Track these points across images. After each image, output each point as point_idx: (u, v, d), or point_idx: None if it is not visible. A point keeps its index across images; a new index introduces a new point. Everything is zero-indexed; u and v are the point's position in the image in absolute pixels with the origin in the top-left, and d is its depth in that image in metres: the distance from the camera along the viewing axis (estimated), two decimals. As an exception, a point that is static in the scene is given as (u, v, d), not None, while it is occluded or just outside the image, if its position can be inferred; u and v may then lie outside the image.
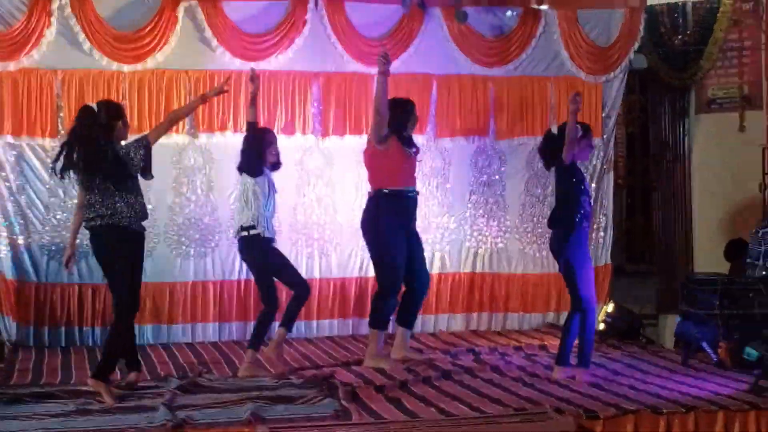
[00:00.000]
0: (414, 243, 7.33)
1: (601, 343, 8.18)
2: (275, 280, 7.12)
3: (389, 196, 7.19)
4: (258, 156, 7.00)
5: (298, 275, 7.26)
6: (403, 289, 7.37)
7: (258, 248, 7.01)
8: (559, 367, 6.87)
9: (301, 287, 7.13)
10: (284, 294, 7.29)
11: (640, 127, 11.06)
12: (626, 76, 9.14)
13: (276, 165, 7.16)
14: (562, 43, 8.94)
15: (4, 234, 8.00)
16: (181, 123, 8.18)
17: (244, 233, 6.99)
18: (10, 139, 7.99)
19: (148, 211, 7.88)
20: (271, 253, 7.08)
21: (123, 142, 6.35)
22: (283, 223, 8.45)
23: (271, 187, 7.05)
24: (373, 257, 7.38)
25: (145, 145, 6.32)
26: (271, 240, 7.07)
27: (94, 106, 6.32)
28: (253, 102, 7.12)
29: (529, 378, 6.87)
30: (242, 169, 7.05)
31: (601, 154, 9.09)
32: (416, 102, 8.49)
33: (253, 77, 7.09)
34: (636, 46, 9.00)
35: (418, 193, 7.36)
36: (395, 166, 7.18)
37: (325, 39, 8.51)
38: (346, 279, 8.66)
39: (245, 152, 7.07)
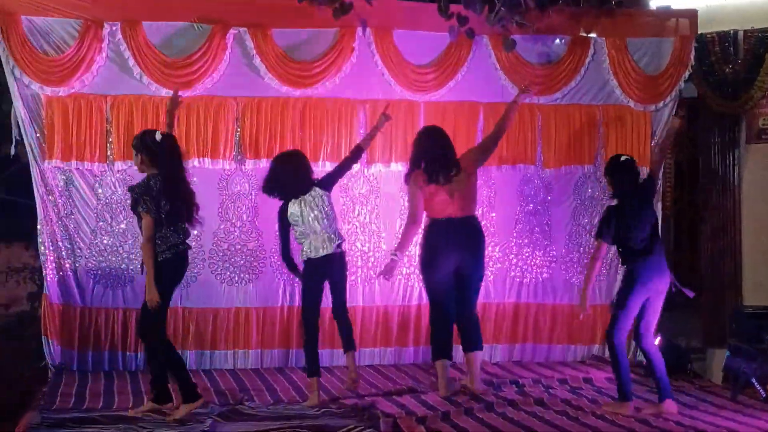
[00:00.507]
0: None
1: (648, 377, 8.06)
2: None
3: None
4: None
5: None
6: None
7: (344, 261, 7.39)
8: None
9: None
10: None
11: (689, 156, 10.93)
12: (676, 104, 9.04)
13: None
14: (611, 71, 8.86)
15: (51, 258, 8.06)
16: (227, 150, 8.24)
17: (340, 250, 7.27)
18: (59, 163, 8.05)
19: (194, 237, 8.07)
20: None
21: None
22: (327, 250, 8.46)
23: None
24: None
25: None
26: None
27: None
28: (373, 134, 7.71)
29: (573, 411, 6.79)
30: (323, 184, 7.28)
31: (650, 184, 8.97)
32: (464, 130, 8.57)
33: (387, 115, 7.62)
34: (686, 74, 8.90)
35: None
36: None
37: (373, 66, 8.51)
38: (389, 306, 8.62)
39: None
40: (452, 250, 7.25)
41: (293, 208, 7.10)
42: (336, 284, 7.28)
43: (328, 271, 7.18)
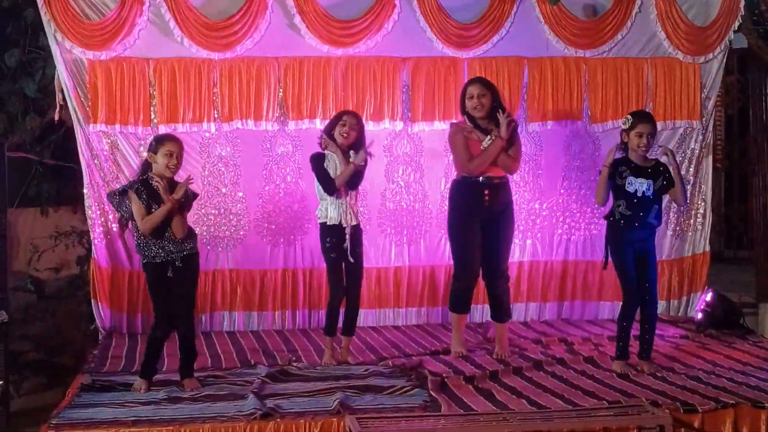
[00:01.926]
0: (491, 232, 7.21)
1: (699, 333, 7.98)
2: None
3: (456, 185, 7.31)
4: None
5: None
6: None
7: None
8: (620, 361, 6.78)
9: None
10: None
11: (740, 109, 10.74)
12: (726, 56, 8.85)
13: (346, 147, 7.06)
14: (659, 23, 8.68)
15: (99, 222, 8.11)
16: (270, 111, 8.21)
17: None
18: (104, 128, 8.07)
19: (240, 199, 8.02)
20: None
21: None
22: (372, 210, 8.43)
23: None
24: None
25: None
26: None
27: None
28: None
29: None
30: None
31: (700, 137, 8.82)
32: (507, 86, 8.48)
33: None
34: (735, 25, 8.69)
35: (490, 179, 7.18)
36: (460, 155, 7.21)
37: (414, 23, 8.40)
38: (435, 266, 8.57)
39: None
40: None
41: None
42: None
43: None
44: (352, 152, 6.95)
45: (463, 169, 7.22)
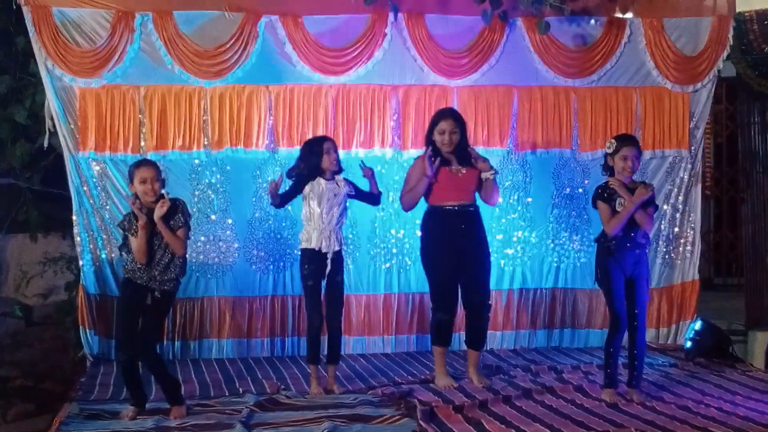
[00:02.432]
0: (467, 260, 7.10)
1: (688, 361, 7.98)
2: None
3: (429, 213, 7.19)
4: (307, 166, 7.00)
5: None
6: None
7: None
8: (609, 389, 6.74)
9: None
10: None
11: (728, 137, 10.78)
12: (714, 85, 8.90)
13: (335, 172, 7.09)
14: (648, 52, 8.73)
15: (87, 248, 8.09)
16: (260, 139, 8.22)
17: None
18: (93, 155, 8.07)
19: (229, 225, 8.03)
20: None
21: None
22: (361, 236, 8.44)
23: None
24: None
25: None
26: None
27: None
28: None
29: (613, 399, 6.69)
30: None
31: (689, 166, 8.86)
32: (497, 114, 8.53)
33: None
34: (725, 54, 8.75)
35: (464, 207, 7.11)
36: (435, 184, 7.10)
37: (405, 52, 8.44)
38: (425, 294, 8.52)
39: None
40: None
41: None
42: None
43: None
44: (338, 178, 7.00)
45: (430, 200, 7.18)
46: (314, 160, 6.97)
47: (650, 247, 8.56)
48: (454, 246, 7.06)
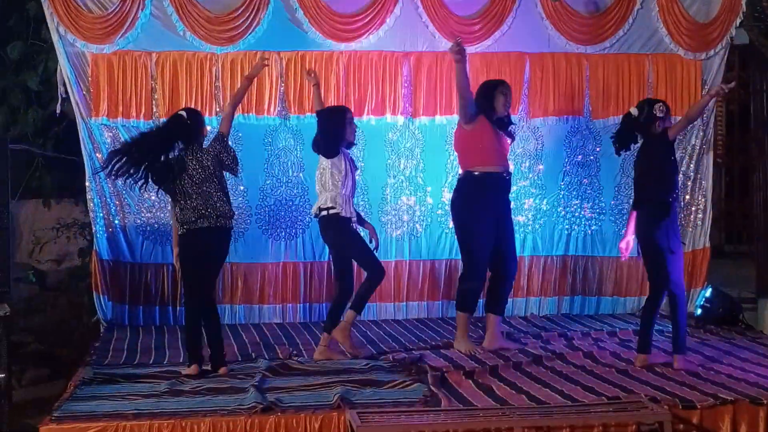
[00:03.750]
0: (504, 228, 7.18)
1: (699, 329, 8.00)
2: (353, 263, 7.08)
3: (478, 179, 7.09)
4: (335, 136, 6.95)
5: (375, 258, 7.11)
6: (490, 274, 7.29)
7: (336, 228, 6.96)
8: (644, 355, 6.72)
9: (375, 271, 7.03)
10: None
11: (741, 104, 10.74)
12: (727, 52, 8.85)
13: (351, 144, 7.14)
14: (661, 19, 8.69)
15: (100, 214, 8.13)
16: (272, 105, 8.23)
17: (324, 213, 6.95)
18: (106, 121, 8.10)
19: (241, 192, 8.05)
20: (348, 232, 7.02)
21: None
22: (373, 204, 8.46)
23: (351, 165, 7.02)
24: (459, 240, 7.32)
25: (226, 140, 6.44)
26: (349, 220, 6.99)
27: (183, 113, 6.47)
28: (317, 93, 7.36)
29: (623, 365, 6.73)
30: (319, 150, 7.02)
31: (701, 133, 8.84)
32: (509, 81, 8.39)
33: (310, 71, 7.43)
34: (737, 21, 8.70)
35: (510, 174, 7.22)
36: (485, 147, 7.06)
37: (417, 18, 8.42)
38: (435, 261, 8.61)
39: (322, 133, 7.01)
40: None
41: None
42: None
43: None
44: None
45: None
46: (340, 131, 6.96)
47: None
48: (494, 214, 7.10)
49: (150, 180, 6.31)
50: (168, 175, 6.32)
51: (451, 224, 8.42)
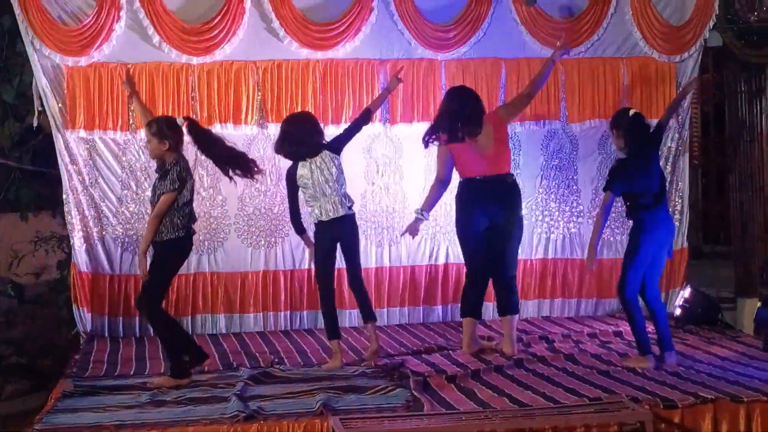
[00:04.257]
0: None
1: (678, 329, 8.05)
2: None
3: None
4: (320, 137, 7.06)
5: None
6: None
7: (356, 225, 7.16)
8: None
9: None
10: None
11: (716, 106, 10.81)
12: (701, 54, 8.92)
13: None
14: (635, 23, 8.75)
15: (78, 227, 8.11)
16: (249, 115, 8.23)
17: (353, 211, 7.08)
18: (82, 133, 8.07)
19: (220, 202, 8.06)
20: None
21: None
22: (352, 210, 8.47)
23: None
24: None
25: None
26: None
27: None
28: (383, 96, 7.63)
29: (604, 366, 6.77)
30: (330, 149, 7.00)
31: (676, 135, 8.91)
32: (485, 87, 8.50)
33: (399, 78, 7.53)
34: (711, 24, 8.77)
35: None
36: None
37: (392, 26, 8.44)
38: (416, 267, 8.62)
39: (320, 135, 7.04)
40: (482, 209, 7.16)
41: (302, 170, 6.91)
42: (348, 249, 7.08)
43: (338, 233, 6.99)
44: None
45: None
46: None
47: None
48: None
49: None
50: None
51: (430, 230, 8.51)
